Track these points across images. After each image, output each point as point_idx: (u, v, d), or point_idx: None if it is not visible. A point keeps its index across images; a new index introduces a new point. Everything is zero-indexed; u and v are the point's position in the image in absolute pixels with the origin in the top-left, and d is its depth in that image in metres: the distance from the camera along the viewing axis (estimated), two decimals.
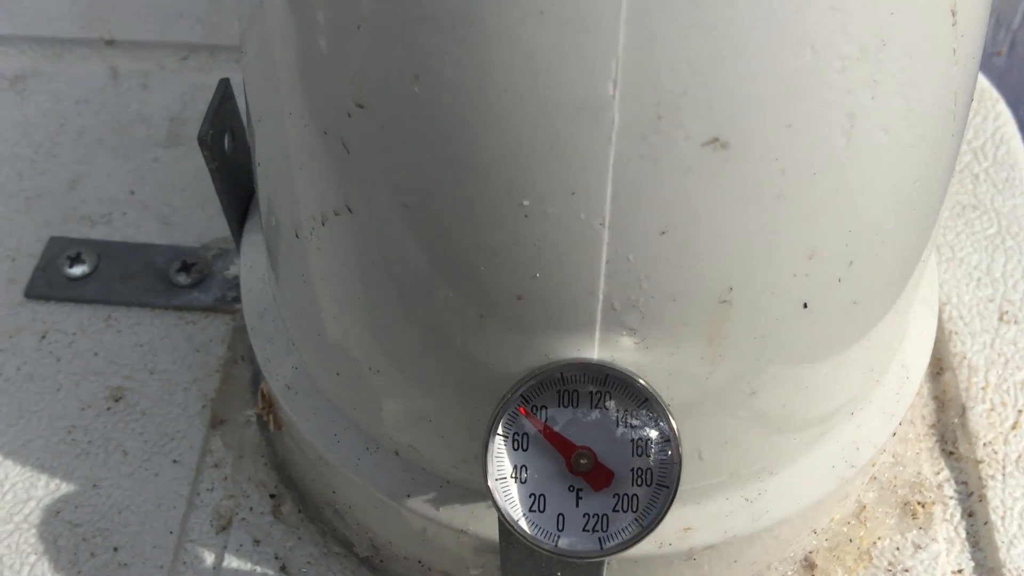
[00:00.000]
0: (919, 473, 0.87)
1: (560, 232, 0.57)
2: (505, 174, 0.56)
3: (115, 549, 0.88)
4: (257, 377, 0.97)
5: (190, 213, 1.08)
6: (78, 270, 1.03)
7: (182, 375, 0.97)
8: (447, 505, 0.75)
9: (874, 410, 0.77)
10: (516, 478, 0.65)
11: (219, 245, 1.05)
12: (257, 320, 0.85)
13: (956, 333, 0.98)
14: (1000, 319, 0.99)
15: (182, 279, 1.02)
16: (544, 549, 0.64)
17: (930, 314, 0.85)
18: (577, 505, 0.63)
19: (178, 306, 1.01)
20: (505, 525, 0.65)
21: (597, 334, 0.61)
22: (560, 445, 0.63)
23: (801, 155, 0.58)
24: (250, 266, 0.88)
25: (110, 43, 1.24)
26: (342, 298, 0.70)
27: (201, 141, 0.82)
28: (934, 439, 0.91)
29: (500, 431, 0.64)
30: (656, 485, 0.62)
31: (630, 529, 0.63)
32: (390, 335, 0.69)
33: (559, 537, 0.65)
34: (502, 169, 0.56)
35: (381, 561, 0.86)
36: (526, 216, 0.57)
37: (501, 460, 0.65)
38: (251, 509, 0.90)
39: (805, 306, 0.62)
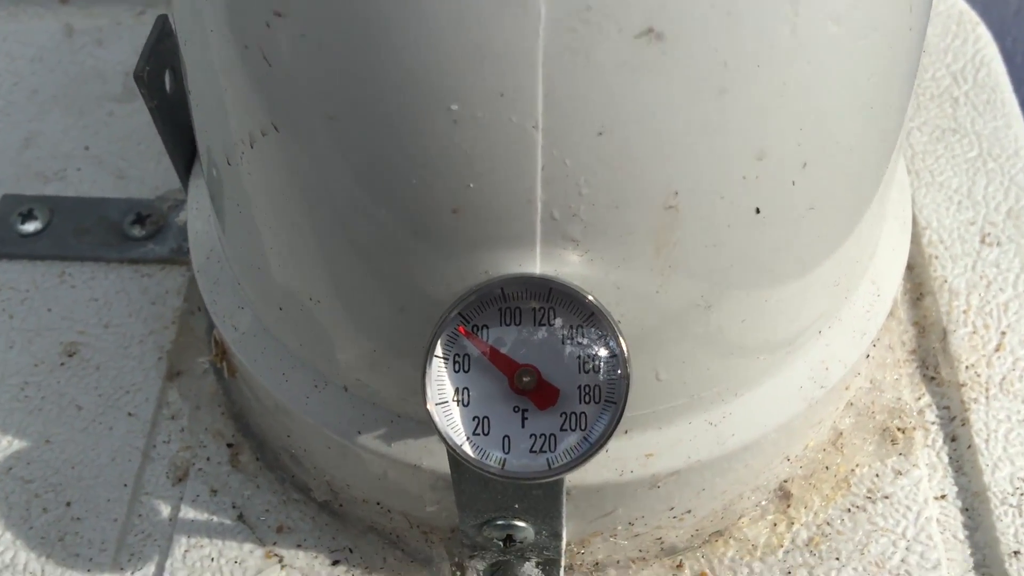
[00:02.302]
0: (899, 399, 0.85)
1: (491, 137, 0.55)
2: (430, 77, 0.53)
3: (68, 504, 0.86)
4: (213, 325, 0.93)
5: (145, 166, 1.06)
6: (31, 226, 1.01)
7: (137, 328, 0.95)
8: (399, 440, 0.73)
9: (844, 328, 0.75)
10: (459, 401, 0.62)
11: (175, 196, 1.02)
12: (204, 261, 0.82)
13: (936, 257, 0.96)
14: (982, 241, 0.96)
15: (137, 232, 1.00)
16: (490, 472, 0.62)
17: (902, 231, 0.82)
18: (523, 426, 0.61)
19: (133, 259, 0.99)
20: (449, 451, 0.62)
21: (538, 247, 0.59)
22: (502, 364, 0.60)
23: (743, 46, 0.55)
24: (197, 208, 0.85)
25: (64, 1, 1.21)
26: (276, 225, 0.67)
27: (137, 78, 0.79)
28: (914, 365, 0.89)
29: (439, 352, 0.61)
30: (604, 402, 0.60)
31: (578, 448, 0.60)
32: (326, 260, 0.66)
33: (505, 460, 0.62)
34: (427, 72, 0.53)
35: (340, 505, 0.83)
36: (455, 122, 0.54)
37: (442, 383, 0.62)
38: (208, 459, 0.88)
39: (758, 211, 0.60)
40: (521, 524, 0.71)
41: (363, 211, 0.61)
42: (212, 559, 0.81)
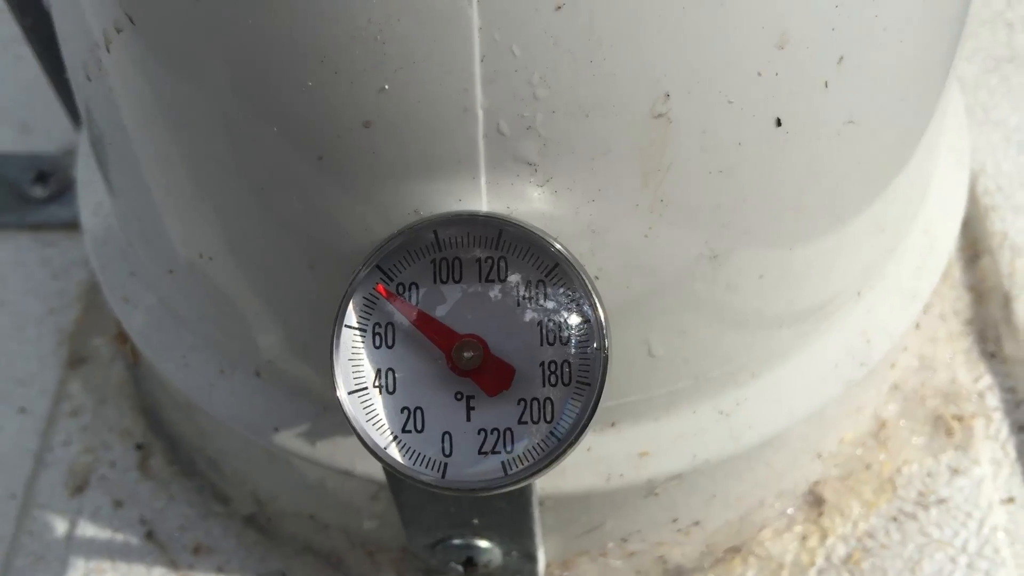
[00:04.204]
0: (954, 380, 0.76)
1: (409, 15, 0.42)
2: None
3: None
4: None
5: (55, 118, 0.91)
6: None
7: (35, 306, 0.84)
8: (326, 439, 0.60)
9: (889, 289, 0.64)
10: (381, 387, 0.49)
11: None
12: (91, 218, 0.68)
13: (994, 208, 0.83)
14: None
15: (38, 192, 0.88)
16: (425, 483, 0.47)
17: (959, 166, 0.68)
18: (469, 419, 0.49)
19: (33, 224, 0.88)
20: (371, 454, 0.47)
21: (483, 174, 0.47)
22: (437, 335, 0.48)
23: None
24: (87, 153, 0.70)
25: None
26: (147, 157, 0.53)
27: None
28: (971, 338, 0.79)
29: (353, 322, 0.48)
30: (576, 383, 0.48)
31: (543, 446, 0.48)
32: (211, 201, 0.53)
33: (446, 465, 0.48)
34: None
35: (268, 519, 0.71)
36: None
37: (358, 363, 0.49)
38: (113, 464, 0.76)
39: (779, 123, 0.48)
40: (483, 544, 0.60)
41: (248, 130, 0.48)
42: None
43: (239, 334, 0.59)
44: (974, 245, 0.81)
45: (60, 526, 0.73)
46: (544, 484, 0.57)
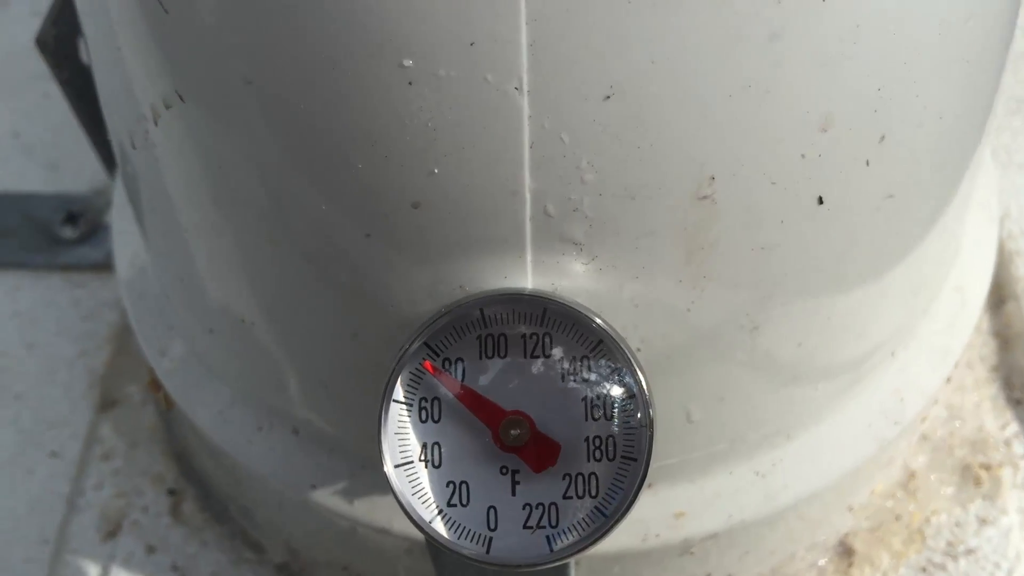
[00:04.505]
0: (981, 428, 0.75)
1: (459, 104, 0.43)
2: (375, 24, 0.42)
3: None
4: None
5: (84, 156, 0.91)
6: None
7: (66, 348, 0.83)
8: (363, 497, 0.60)
9: (922, 348, 0.64)
10: (427, 461, 0.49)
11: (113, 192, 0.88)
12: (127, 269, 0.68)
13: (1019, 253, 0.83)
14: None
15: (68, 232, 0.87)
16: (469, 559, 0.47)
17: (990, 223, 0.68)
18: (514, 493, 0.49)
19: (63, 265, 0.87)
20: (416, 527, 0.48)
21: (528, 253, 0.47)
22: (483, 411, 0.48)
23: None
24: (123, 203, 0.70)
25: None
26: (193, 225, 0.54)
27: (41, 43, 0.65)
28: (997, 384, 0.78)
29: (400, 397, 0.48)
30: (621, 458, 0.48)
31: (589, 521, 0.48)
32: (256, 270, 0.53)
33: (491, 539, 0.49)
34: (371, 17, 0.42)
35: (301, 568, 0.71)
36: (410, 83, 0.43)
37: (404, 437, 0.49)
38: (145, 509, 0.75)
39: (820, 201, 0.48)
40: None
41: (296, 205, 0.49)
42: None
43: (278, 394, 0.59)
44: (999, 290, 0.80)
45: (93, 571, 0.73)
46: None
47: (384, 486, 0.58)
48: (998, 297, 0.81)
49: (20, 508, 0.76)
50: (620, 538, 0.58)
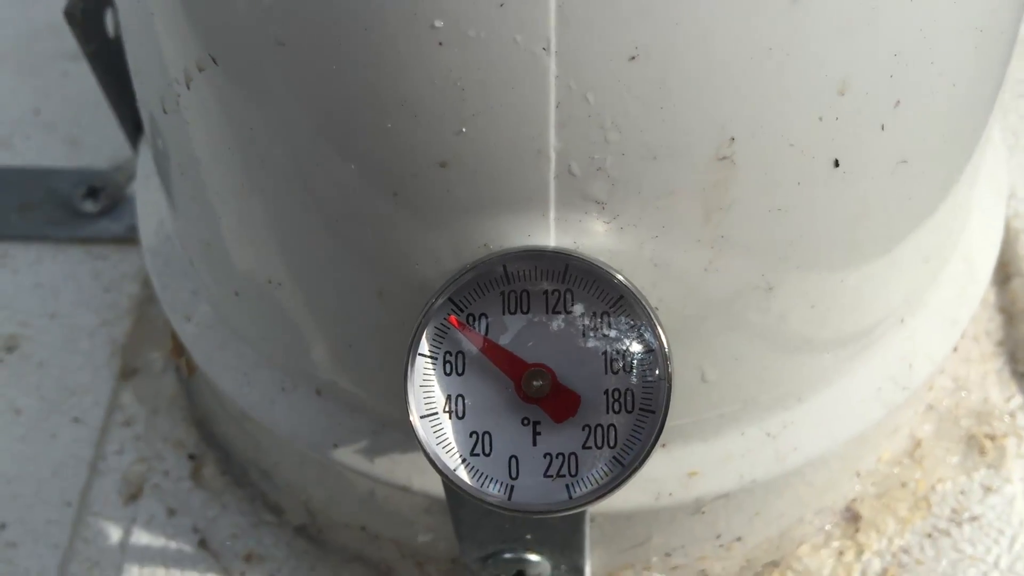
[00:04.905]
0: (986, 400, 0.76)
1: (488, 64, 0.44)
2: None
3: (2, 526, 0.75)
4: None
5: (103, 132, 0.93)
6: None
7: (88, 318, 0.84)
8: (384, 455, 0.61)
9: (931, 315, 0.64)
10: (451, 412, 0.50)
11: (133, 166, 0.88)
12: (153, 238, 0.69)
13: None
14: None
15: (89, 206, 0.88)
16: (492, 504, 0.48)
17: (998, 197, 0.69)
18: (535, 443, 0.50)
19: (84, 238, 0.88)
20: (440, 475, 0.49)
21: (552, 212, 0.48)
22: (506, 364, 0.49)
23: None
24: (146, 175, 0.72)
25: None
26: (222, 187, 0.55)
27: (69, 16, 0.66)
28: (1002, 358, 0.78)
29: (425, 350, 0.49)
30: (640, 411, 0.49)
31: (607, 470, 0.50)
32: (283, 231, 0.54)
33: (513, 487, 0.50)
34: None
35: (319, 530, 0.71)
36: (440, 44, 0.44)
37: (429, 389, 0.50)
38: (166, 473, 0.76)
39: (836, 164, 0.49)
40: (534, 558, 0.60)
41: (325, 166, 0.49)
42: None
43: (302, 355, 0.60)
44: (1005, 267, 0.81)
45: (114, 533, 0.74)
46: None
47: (405, 444, 0.60)
48: (1004, 274, 0.82)
49: (44, 472, 0.77)
50: (634, 496, 0.59)
